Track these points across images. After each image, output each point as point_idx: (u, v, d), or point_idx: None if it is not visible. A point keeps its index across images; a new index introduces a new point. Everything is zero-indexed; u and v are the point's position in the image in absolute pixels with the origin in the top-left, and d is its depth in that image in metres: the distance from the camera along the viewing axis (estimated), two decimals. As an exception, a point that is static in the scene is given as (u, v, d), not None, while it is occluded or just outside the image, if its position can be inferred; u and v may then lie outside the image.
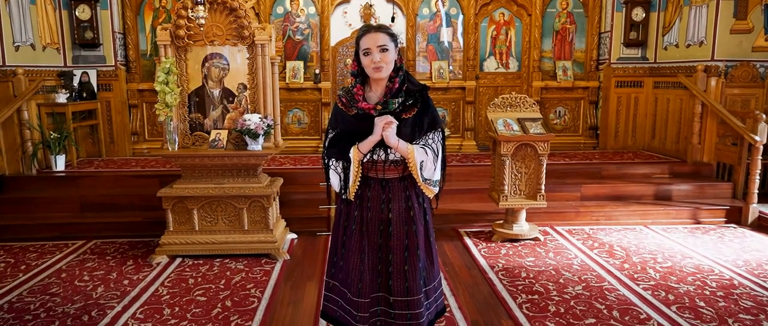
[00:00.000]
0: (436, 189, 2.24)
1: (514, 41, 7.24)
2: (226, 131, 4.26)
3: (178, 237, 4.29)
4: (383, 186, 2.23)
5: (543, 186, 4.59)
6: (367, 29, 2.12)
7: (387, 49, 2.09)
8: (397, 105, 2.11)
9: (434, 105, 2.21)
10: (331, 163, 2.23)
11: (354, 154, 2.15)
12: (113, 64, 6.61)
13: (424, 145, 2.16)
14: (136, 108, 6.84)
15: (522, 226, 4.71)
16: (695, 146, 5.99)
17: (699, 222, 5.23)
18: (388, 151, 2.16)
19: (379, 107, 2.11)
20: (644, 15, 6.81)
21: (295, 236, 4.83)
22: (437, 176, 2.21)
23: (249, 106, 4.29)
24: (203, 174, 4.31)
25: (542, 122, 4.65)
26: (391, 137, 2.09)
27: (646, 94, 6.94)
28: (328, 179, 2.26)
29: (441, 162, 2.21)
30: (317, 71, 7.00)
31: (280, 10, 6.96)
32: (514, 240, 4.68)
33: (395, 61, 2.14)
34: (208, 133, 4.30)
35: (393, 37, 2.13)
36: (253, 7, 6.67)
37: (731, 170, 5.71)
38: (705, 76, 5.88)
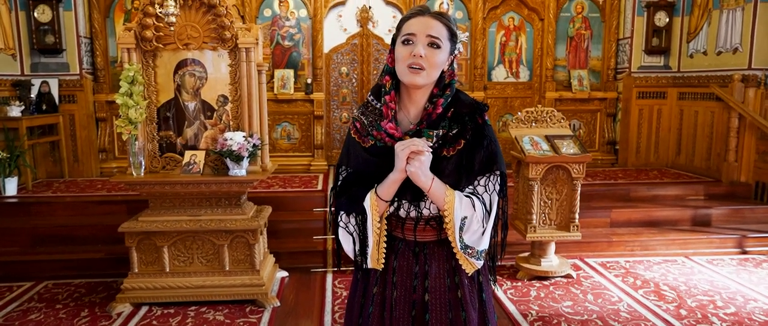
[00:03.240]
0: (480, 263, 1.50)
1: (525, 48, 6.62)
2: (203, 152, 3.55)
3: (144, 280, 3.55)
4: (416, 253, 1.53)
5: (577, 215, 3.93)
6: (419, 11, 1.43)
7: (439, 46, 1.40)
8: (435, 138, 1.41)
9: (494, 133, 1.50)
10: (340, 219, 1.53)
11: (371, 202, 1.44)
12: (78, 72, 5.85)
13: (471, 193, 1.44)
14: (105, 122, 6.07)
15: (551, 261, 4.04)
16: (731, 164, 5.39)
17: (745, 252, 4.61)
18: (422, 204, 1.46)
19: (407, 137, 1.42)
20: (668, 20, 6.23)
21: (285, 274, 4.11)
22: (484, 245, 1.48)
23: (231, 123, 3.58)
24: (175, 204, 3.58)
25: (574, 140, 4.00)
26: (420, 173, 1.37)
27: (670, 106, 6.35)
28: (337, 242, 1.56)
29: (494, 222, 1.49)
30: (309, 81, 6.31)
31: (267, 12, 6.27)
32: (543, 277, 4.00)
33: (445, 71, 1.46)
34: (182, 154, 3.58)
35: (453, 34, 1.44)
36: (236, 7, 5.98)
37: (774, 191, 5.11)
38: (742, 86, 5.30)
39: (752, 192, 5.33)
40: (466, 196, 1.44)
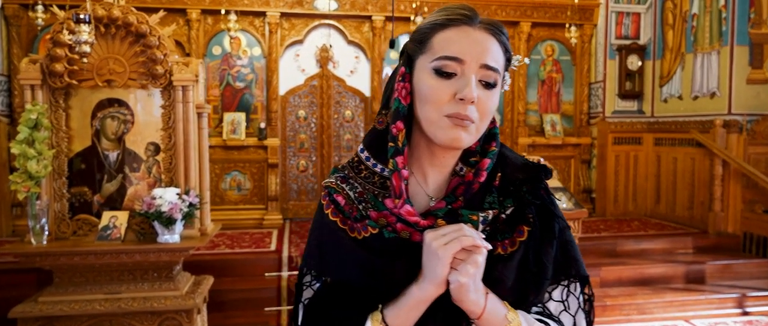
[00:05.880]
0: None
1: (495, 91, 6.25)
2: (126, 214, 2.86)
3: (42, 379, 2.76)
4: None
5: (573, 280, 3.42)
6: (465, 15, 0.84)
7: (495, 84, 0.85)
8: (481, 225, 0.84)
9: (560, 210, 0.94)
10: None
11: None
12: (-10, 114, 5.05)
13: (541, 314, 0.88)
14: (22, 172, 5.23)
15: (545, 333, 3.48)
16: (718, 214, 5.07)
17: (746, 313, 4.21)
18: None
19: (441, 222, 0.83)
20: (640, 63, 6.03)
21: (230, 359, 3.38)
22: None
23: (163, 176, 2.92)
24: (88, 279, 2.85)
25: (566, 193, 3.53)
26: (470, 289, 0.79)
27: (647, 152, 6.07)
28: None
29: None
30: (262, 125, 5.71)
31: (217, 50, 5.68)
32: (536, 354, 3.42)
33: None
34: (98, 216, 2.87)
35: (509, 56, 0.88)
36: (181, 45, 5.37)
37: (765, 243, 4.79)
38: (724, 132, 5.05)
39: (741, 244, 5.00)
40: (541, 321, 0.86)
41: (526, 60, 1.00)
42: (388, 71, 6.00)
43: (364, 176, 0.90)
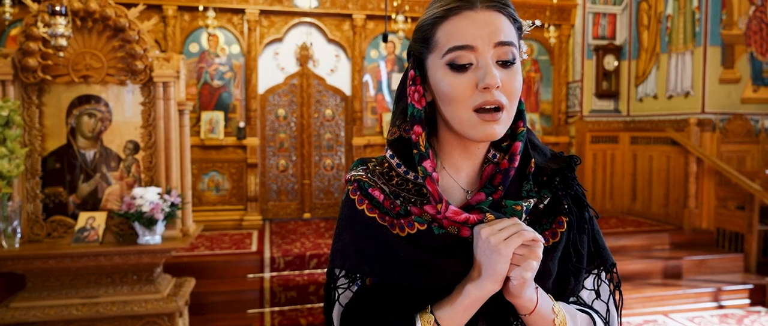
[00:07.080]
0: None
1: (475, 91, 6.28)
2: (104, 215, 2.76)
3: (15, 389, 2.64)
4: None
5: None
6: (462, 2, 0.80)
7: (514, 59, 0.81)
8: (524, 210, 0.81)
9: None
10: None
11: None
12: (-46, 113, 4.82)
13: (576, 304, 0.88)
14: (-12, 173, 5.02)
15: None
16: (692, 211, 5.19)
17: (722, 306, 4.31)
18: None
19: (490, 216, 0.79)
20: (616, 63, 6.14)
21: (212, 363, 3.30)
22: None
23: (142, 175, 2.83)
24: (64, 283, 2.74)
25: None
26: (529, 284, 0.77)
27: (623, 151, 6.18)
28: None
29: None
30: (241, 124, 5.61)
31: (194, 48, 5.56)
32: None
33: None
34: (75, 217, 2.77)
35: (519, 24, 0.85)
36: (157, 41, 5.23)
37: (738, 238, 4.91)
38: (699, 130, 5.17)
39: (714, 240, 5.13)
40: (581, 311, 0.86)
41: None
42: (367, 77, 5.97)
43: (396, 184, 0.85)
